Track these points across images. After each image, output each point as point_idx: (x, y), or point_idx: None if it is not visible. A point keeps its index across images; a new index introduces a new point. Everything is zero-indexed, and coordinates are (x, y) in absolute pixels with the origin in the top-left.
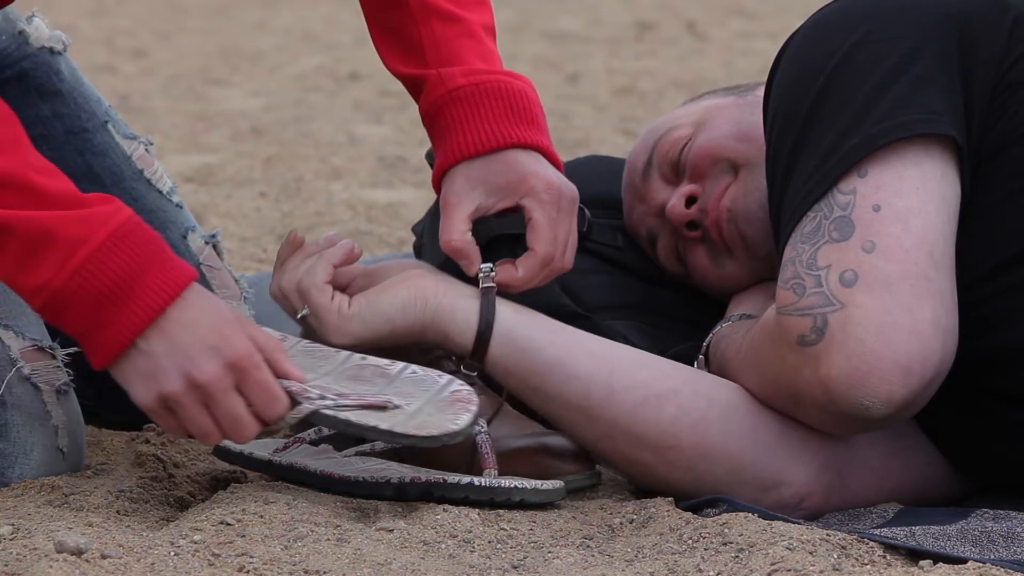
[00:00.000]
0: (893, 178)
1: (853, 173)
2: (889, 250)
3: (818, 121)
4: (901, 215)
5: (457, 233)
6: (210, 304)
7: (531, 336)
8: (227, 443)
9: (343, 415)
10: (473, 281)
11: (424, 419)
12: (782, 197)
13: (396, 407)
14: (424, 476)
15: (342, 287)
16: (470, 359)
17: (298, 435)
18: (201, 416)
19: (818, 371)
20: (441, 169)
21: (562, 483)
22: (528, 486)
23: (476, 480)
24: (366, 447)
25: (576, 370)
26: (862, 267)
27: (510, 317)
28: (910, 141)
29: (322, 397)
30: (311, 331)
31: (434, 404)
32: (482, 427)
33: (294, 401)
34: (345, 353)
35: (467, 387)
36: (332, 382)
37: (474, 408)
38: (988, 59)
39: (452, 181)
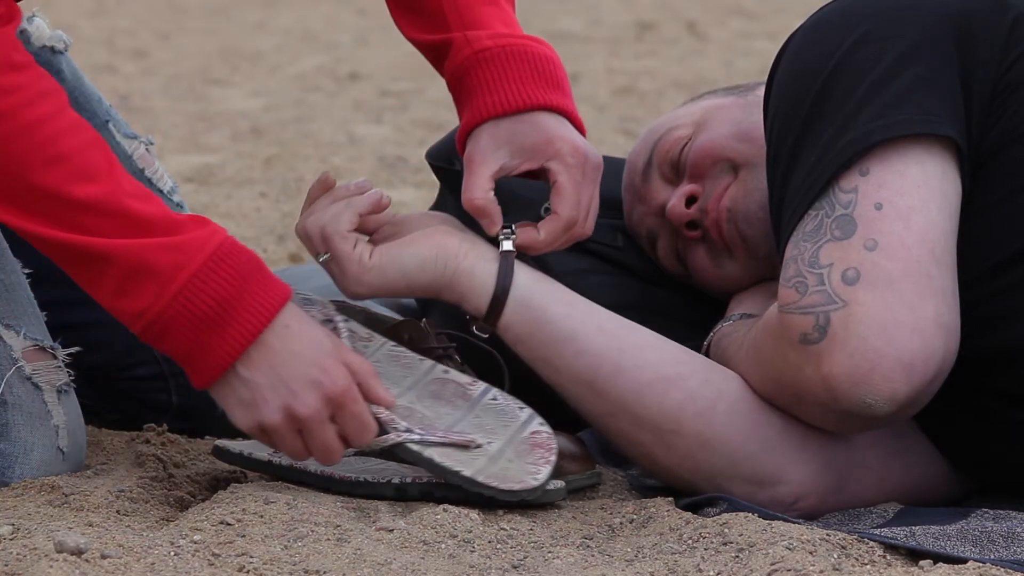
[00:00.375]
0: (895, 176)
1: (854, 171)
2: (891, 248)
3: (818, 120)
4: (903, 213)
5: (480, 191)
6: (309, 331)
7: (547, 307)
8: (226, 443)
9: (427, 453)
10: (495, 241)
11: (504, 465)
12: (783, 196)
13: (478, 446)
14: (425, 476)
15: (368, 232)
16: (483, 322)
17: None
18: (295, 442)
19: (820, 369)
20: (467, 128)
21: (563, 483)
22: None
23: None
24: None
25: (587, 345)
26: (864, 265)
27: (529, 285)
28: (911, 140)
29: (408, 430)
30: (331, 275)
31: (514, 447)
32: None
33: (382, 429)
34: (428, 363)
35: (547, 428)
36: (415, 400)
37: (553, 459)
38: (988, 59)
39: (477, 139)
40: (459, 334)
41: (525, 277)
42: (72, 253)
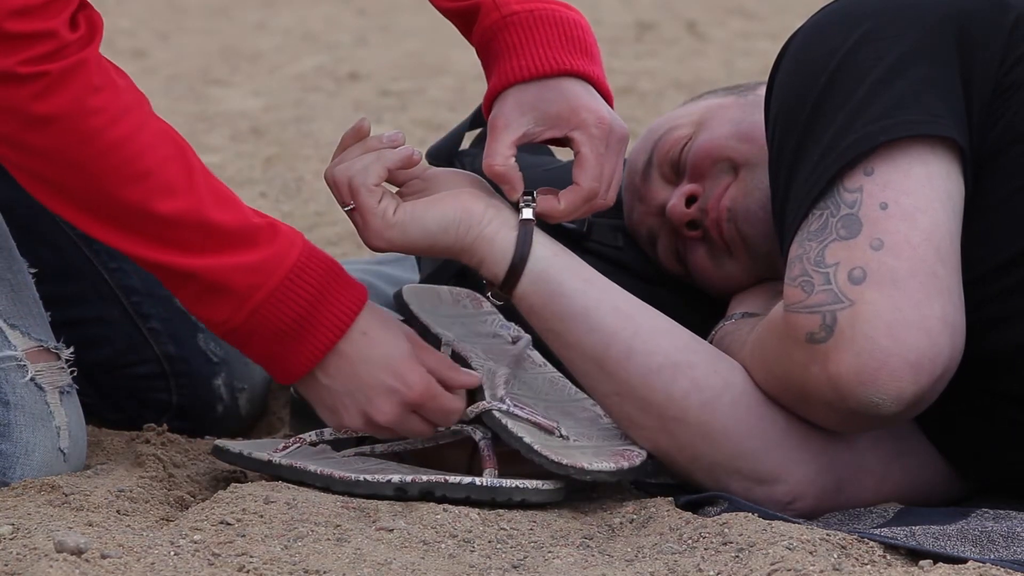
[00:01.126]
0: (900, 176)
1: (859, 171)
2: (897, 247)
3: (820, 120)
4: (908, 213)
5: (500, 157)
6: (386, 334)
7: (564, 281)
8: (225, 443)
9: (509, 424)
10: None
11: (576, 454)
12: (786, 195)
13: (562, 436)
14: (425, 476)
15: (398, 184)
16: (499, 289)
17: (298, 435)
18: (387, 434)
19: (827, 368)
20: (493, 92)
21: (563, 484)
22: (529, 486)
23: (477, 480)
24: (366, 448)
25: (600, 324)
26: (870, 264)
27: (547, 257)
28: (916, 140)
29: (501, 400)
30: (355, 225)
31: (596, 448)
32: (485, 433)
33: (472, 397)
34: (580, 396)
35: (642, 453)
36: (543, 409)
37: (626, 464)
38: (989, 59)
39: (503, 104)
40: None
41: (545, 249)
42: (157, 269)
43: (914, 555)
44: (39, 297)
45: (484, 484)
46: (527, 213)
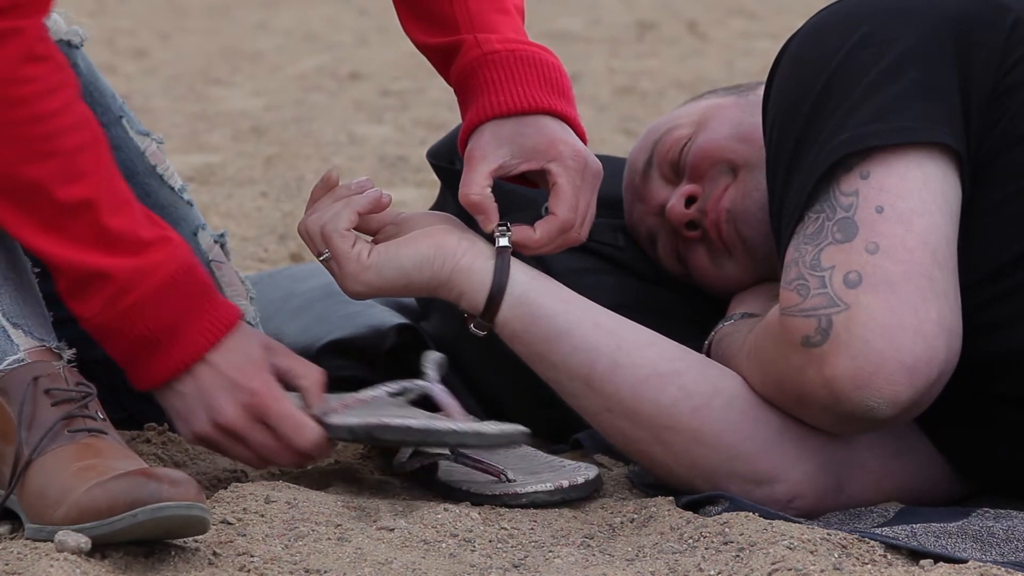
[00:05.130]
0: (895, 180)
1: (855, 174)
2: (893, 251)
3: (816, 123)
4: (904, 216)
5: (476, 187)
6: (240, 343)
7: (543, 303)
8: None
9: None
10: (491, 238)
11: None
12: (783, 198)
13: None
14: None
15: (371, 232)
16: (480, 319)
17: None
18: (237, 449)
19: (823, 372)
20: (470, 125)
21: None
22: (493, 430)
23: (456, 426)
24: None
25: (584, 341)
26: (866, 268)
27: (525, 282)
28: (911, 144)
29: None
30: (331, 274)
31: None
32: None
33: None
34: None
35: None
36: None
37: (566, 483)
38: (987, 61)
39: (480, 137)
40: None
41: (522, 274)
42: (38, 253)
43: (915, 555)
44: (42, 298)
45: (461, 429)
46: (503, 241)
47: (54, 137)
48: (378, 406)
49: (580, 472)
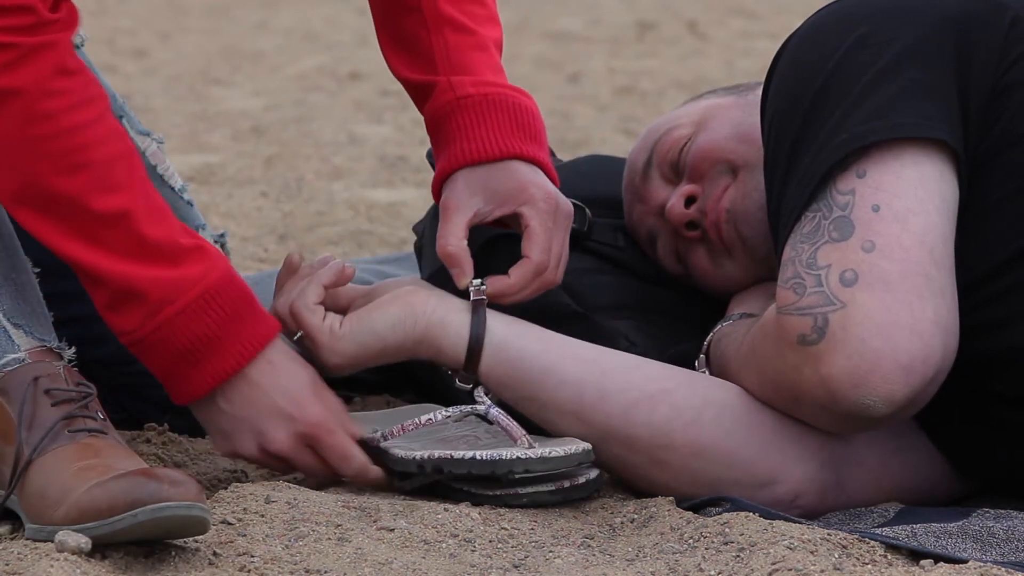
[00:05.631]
0: (892, 179)
1: (851, 173)
2: (889, 249)
3: (814, 122)
4: (900, 215)
5: (454, 239)
6: (288, 367)
7: (523, 346)
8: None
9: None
10: (464, 293)
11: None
12: (780, 198)
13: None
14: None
15: (342, 309)
16: (464, 372)
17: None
18: (278, 466)
19: (819, 370)
20: (443, 173)
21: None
22: (559, 452)
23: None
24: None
25: (568, 375)
26: (862, 267)
27: (501, 329)
28: (908, 142)
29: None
30: (307, 352)
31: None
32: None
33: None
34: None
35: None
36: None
37: (567, 484)
38: (986, 60)
39: (453, 186)
40: None
41: (497, 322)
42: (75, 265)
43: (915, 555)
44: (43, 298)
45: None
46: (477, 295)
47: (88, 148)
48: (438, 431)
49: (581, 470)
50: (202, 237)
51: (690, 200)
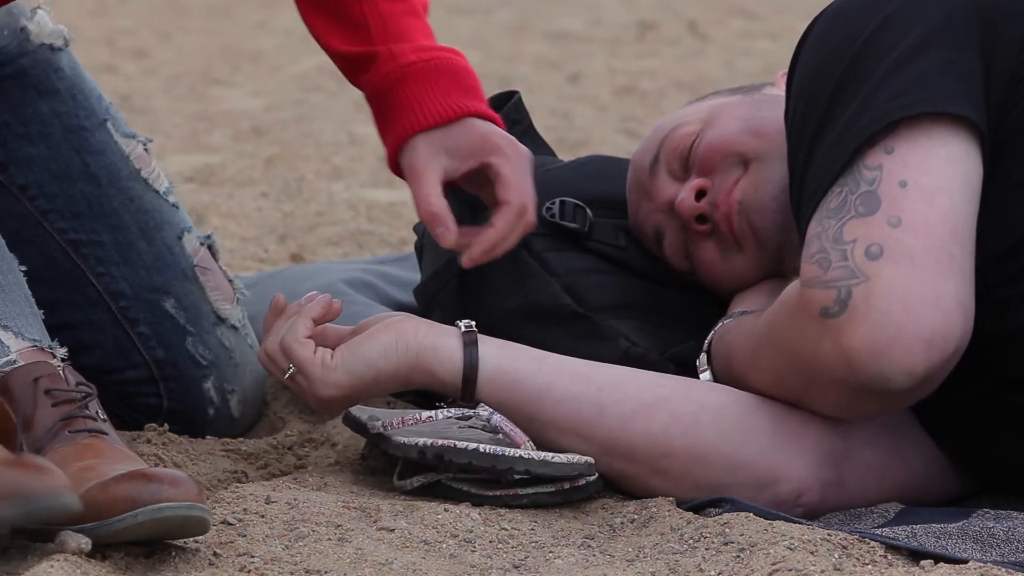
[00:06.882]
0: (920, 156)
1: (879, 149)
2: (915, 225)
3: (840, 101)
4: (927, 192)
5: (434, 198)
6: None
7: (518, 367)
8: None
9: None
10: (450, 318)
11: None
12: (804, 176)
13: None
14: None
15: (333, 346)
16: (461, 401)
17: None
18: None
19: (840, 342)
20: (399, 141)
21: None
22: (561, 459)
23: (526, 454)
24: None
25: (565, 392)
26: (888, 241)
27: (494, 354)
28: (936, 120)
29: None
30: (300, 390)
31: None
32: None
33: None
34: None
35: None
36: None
37: (567, 485)
38: (1008, 48)
39: (415, 151)
40: None
41: (489, 347)
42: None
43: (915, 555)
44: (31, 295)
45: (535, 458)
46: (467, 326)
47: None
48: (441, 427)
49: (581, 472)
50: None
51: (700, 194)
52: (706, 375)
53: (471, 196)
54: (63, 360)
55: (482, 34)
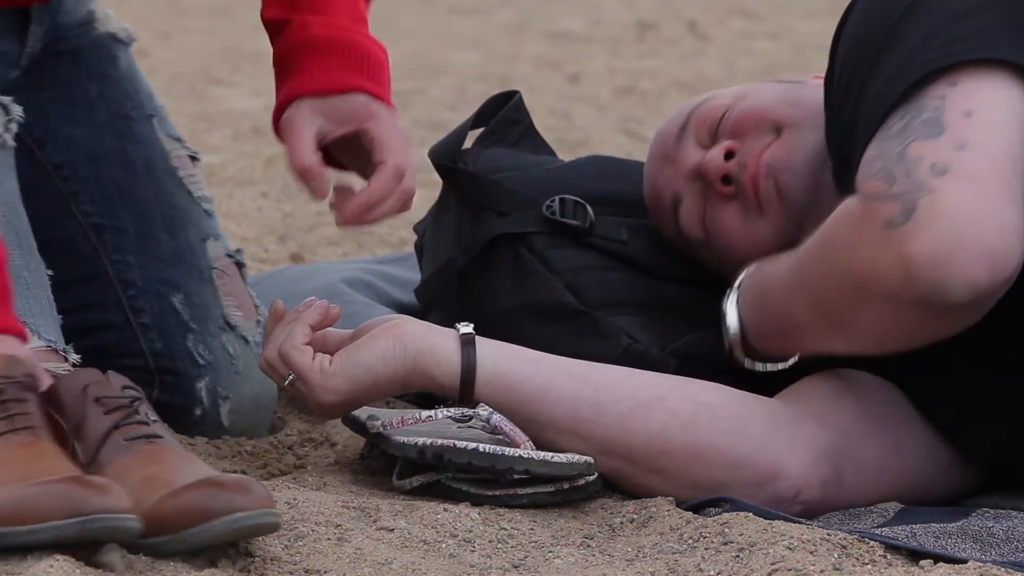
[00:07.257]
0: (985, 91)
1: (944, 81)
2: (980, 152)
3: (898, 41)
4: (990, 124)
5: (307, 153)
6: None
7: (515, 369)
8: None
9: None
10: (450, 318)
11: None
12: (857, 107)
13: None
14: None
15: (333, 351)
16: (459, 404)
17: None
18: None
19: (901, 250)
20: (285, 100)
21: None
22: (561, 459)
23: (525, 453)
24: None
25: (562, 392)
26: (953, 161)
27: (491, 355)
28: (999, 66)
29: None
30: (300, 396)
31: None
32: (490, 410)
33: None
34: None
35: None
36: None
37: (567, 485)
38: None
39: (296, 110)
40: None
41: (486, 348)
42: None
43: (915, 555)
44: (53, 299)
45: (535, 457)
46: (463, 328)
47: None
48: (440, 427)
49: (580, 472)
50: None
51: (729, 155)
52: (732, 316)
53: (470, 195)
54: (74, 365)
55: (482, 34)
